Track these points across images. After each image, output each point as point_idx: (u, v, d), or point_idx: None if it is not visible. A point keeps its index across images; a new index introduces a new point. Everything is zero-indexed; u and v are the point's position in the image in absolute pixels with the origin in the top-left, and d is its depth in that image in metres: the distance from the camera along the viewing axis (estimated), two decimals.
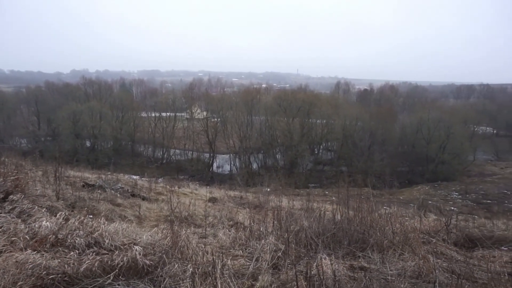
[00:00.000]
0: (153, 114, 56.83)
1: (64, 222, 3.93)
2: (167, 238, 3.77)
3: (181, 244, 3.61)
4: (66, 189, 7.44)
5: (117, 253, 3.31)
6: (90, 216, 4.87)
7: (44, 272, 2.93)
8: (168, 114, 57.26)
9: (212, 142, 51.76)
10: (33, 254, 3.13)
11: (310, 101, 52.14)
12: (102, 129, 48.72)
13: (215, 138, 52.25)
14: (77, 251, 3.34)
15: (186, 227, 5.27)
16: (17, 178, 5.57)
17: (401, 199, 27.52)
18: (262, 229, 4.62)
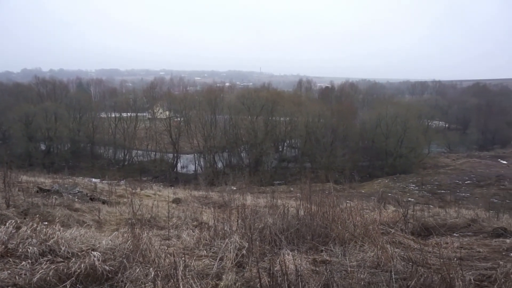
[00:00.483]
0: (113, 115, 54.83)
1: (14, 231, 3.71)
2: (128, 242, 3.65)
3: (142, 247, 3.52)
4: (18, 195, 7.02)
5: (74, 260, 3.17)
6: (45, 223, 4.63)
7: None
8: (129, 114, 55.57)
9: (175, 142, 50.90)
10: None
11: (273, 99, 52.63)
12: (58, 131, 46.43)
13: (179, 138, 51.44)
14: (29, 261, 3.17)
15: (149, 230, 5.14)
16: None
17: (362, 193, 28.45)
18: (226, 228, 4.60)
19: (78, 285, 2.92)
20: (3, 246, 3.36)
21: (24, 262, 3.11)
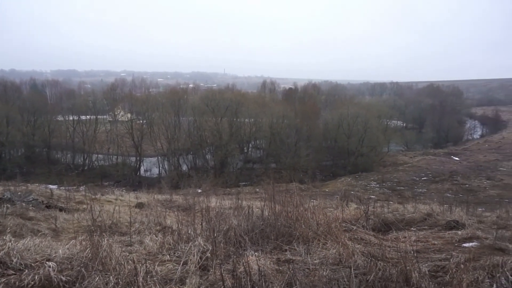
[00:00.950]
0: (71, 118, 52.53)
1: None
2: (87, 250, 3.51)
3: (102, 254, 3.39)
4: None
5: (27, 272, 3.00)
6: None
7: None
8: (88, 117, 53.51)
9: (138, 145, 49.62)
10: None
11: (237, 100, 52.67)
12: (10, 135, 43.80)
13: (142, 141, 50.22)
14: None
15: (109, 236, 4.96)
16: None
17: (326, 192, 29.10)
18: (190, 231, 4.53)
19: None
20: None
21: None
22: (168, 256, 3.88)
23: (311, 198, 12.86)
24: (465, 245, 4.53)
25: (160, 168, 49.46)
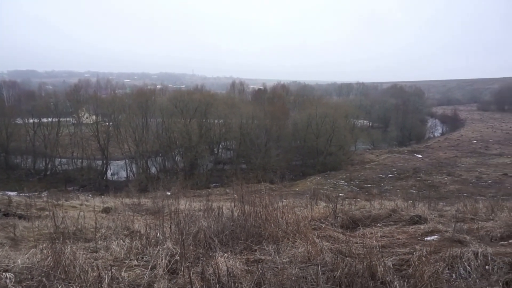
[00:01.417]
0: (31, 120, 50.10)
1: None
2: (48, 258, 3.36)
3: (65, 262, 3.26)
4: None
5: None
6: None
7: None
8: (50, 119, 51.25)
9: (104, 148, 48.12)
10: None
11: (206, 101, 52.36)
12: None
13: (108, 144, 48.75)
14: None
15: (73, 243, 4.78)
16: None
17: (296, 191, 29.47)
18: (159, 235, 4.45)
19: None
20: None
21: None
22: (136, 261, 3.79)
23: (281, 197, 12.98)
24: (427, 238, 4.73)
25: (128, 171, 48.23)
